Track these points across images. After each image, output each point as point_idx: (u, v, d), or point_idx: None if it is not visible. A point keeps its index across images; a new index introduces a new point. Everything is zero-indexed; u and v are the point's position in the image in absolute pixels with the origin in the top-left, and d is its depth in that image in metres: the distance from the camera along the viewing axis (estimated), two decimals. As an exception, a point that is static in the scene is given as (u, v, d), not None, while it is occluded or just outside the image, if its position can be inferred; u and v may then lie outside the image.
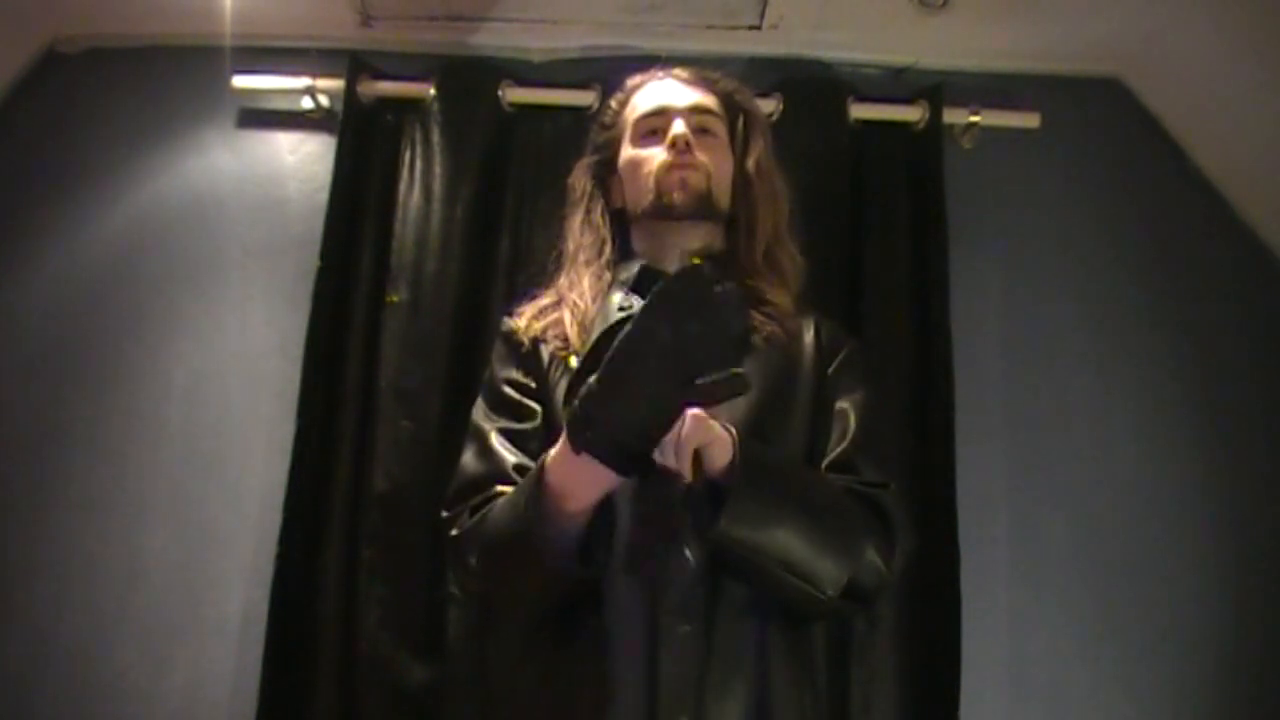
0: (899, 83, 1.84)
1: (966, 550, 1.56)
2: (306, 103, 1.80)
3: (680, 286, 0.94)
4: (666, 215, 1.25)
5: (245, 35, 1.80)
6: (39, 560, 1.68)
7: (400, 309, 1.66)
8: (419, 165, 1.73)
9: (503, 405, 1.23)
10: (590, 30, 1.81)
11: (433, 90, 1.75)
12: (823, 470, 1.18)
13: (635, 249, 1.31)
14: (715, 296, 0.92)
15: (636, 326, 0.94)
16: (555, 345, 1.24)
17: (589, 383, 0.97)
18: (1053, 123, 1.78)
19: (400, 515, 1.57)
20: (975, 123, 1.77)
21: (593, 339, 1.16)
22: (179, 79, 1.86)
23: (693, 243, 1.27)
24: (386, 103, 1.78)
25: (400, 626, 1.55)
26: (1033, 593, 1.68)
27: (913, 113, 1.75)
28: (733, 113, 1.34)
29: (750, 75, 1.76)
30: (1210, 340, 1.78)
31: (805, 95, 1.76)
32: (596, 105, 1.69)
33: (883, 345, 1.64)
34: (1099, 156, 1.84)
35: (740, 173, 1.32)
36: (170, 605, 1.66)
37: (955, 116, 1.76)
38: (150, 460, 1.72)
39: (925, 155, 1.73)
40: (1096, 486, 1.72)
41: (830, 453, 1.19)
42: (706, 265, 0.94)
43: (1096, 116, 1.85)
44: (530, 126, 1.78)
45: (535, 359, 1.24)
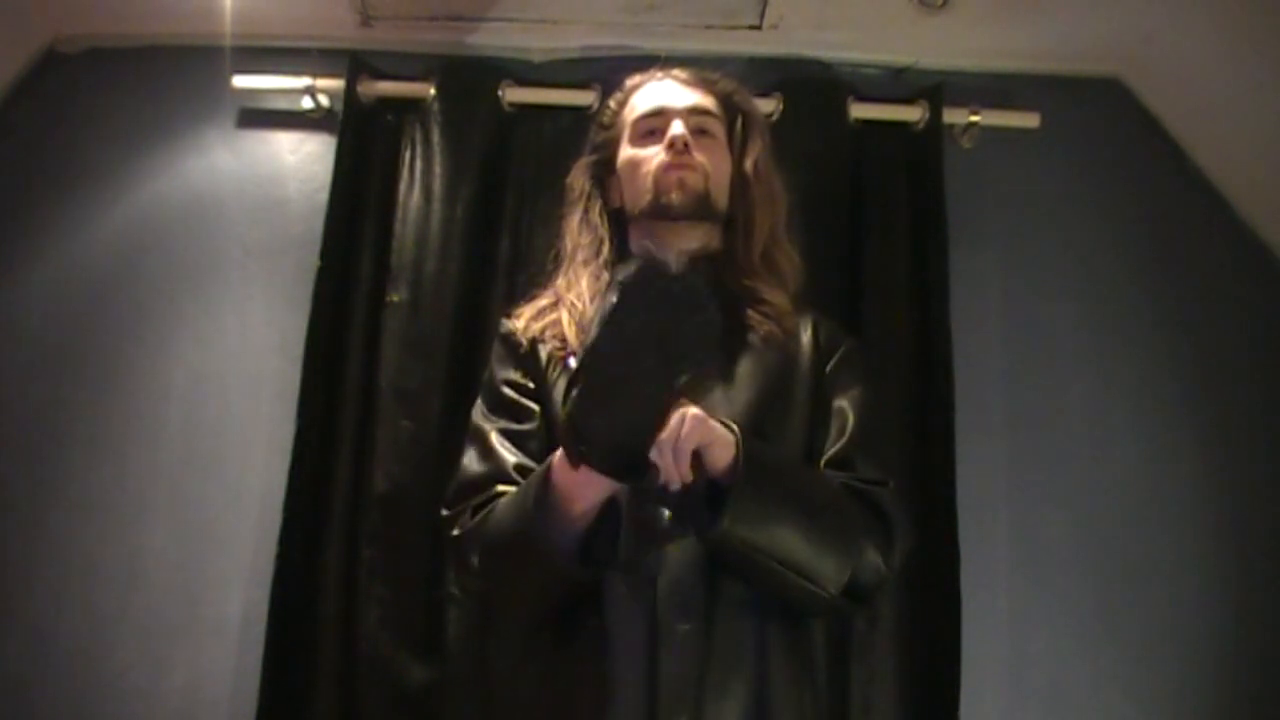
0: (899, 83, 1.84)
1: (966, 550, 1.56)
2: (306, 103, 1.80)
3: (638, 283, 0.92)
4: (664, 215, 1.25)
5: (245, 35, 1.80)
6: (39, 560, 1.68)
7: (400, 309, 1.66)
8: (419, 165, 1.73)
9: (502, 406, 1.23)
10: (590, 30, 1.81)
11: (433, 90, 1.75)
12: (821, 468, 1.19)
13: (633, 249, 1.31)
14: (675, 287, 0.91)
15: (601, 332, 0.94)
16: (553, 345, 1.24)
17: (572, 395, 0.97)
18: (1053, 123, 1.78)
19: (400, 515, 1.58)
20: (975, 123, 1.77)
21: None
22: (179, 79, 1.87)
23: (690, 243, 1.27)
24: (386, 103, 1.79)
25: (400, 626, 1.55)
26: (1033, 593, 1.68)
27: (913, 113, 1.75)
28: (731, 114, 1.34)
29: (750, 75, 1.76)
30: (1210, 340, 1.78)
31: (805, 95, 1.76)
32: (596, 105, 1.68)
33: (883, 345, 1.64)
34: (1099, 156, 1.84)
35: (738, 174, 1.31)
36: (170, 605, 1.66)
37: (955, 116, 1.76)
38: (150, 460, 1.72)
39: (925, 155, 1.73)
40: (1096, 486, 1.72)
41: (828, 451, 1.19)
42: (664, 259, 0.92)
43: (1096, 116, 1.85)
44: (530, 126, 1.78)
45: (534, 359, 1.25)
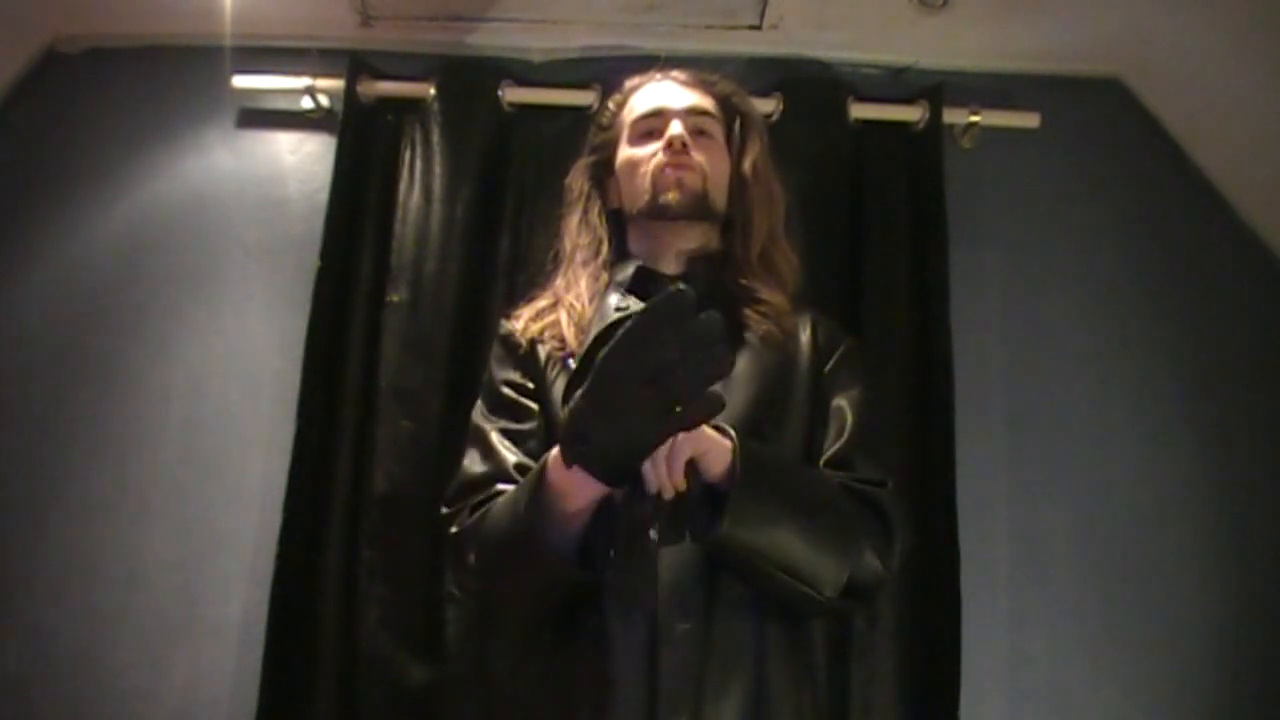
0: (899, 83, 1.84)
1: (966, 550, 1.56)
2: (306, 103, 1.80)
3: (662, 312, 0.93)
4: (662, 215, 1.26)
5: (245, 35, 1.80)
6: (39, 560, 1.68)
7: (400, 309, 1.66)
8: (419, 165, 1.73)
9: (501, 406, 1.24)
10: (590, 30, 1.81)
11: (433, 90, 1.75)
12: (820, 467, 1.19)
13: (631, 249, 1.31)
14: (697, 323, 0.91)
15: (618, 350, 0.94)
16: (552, 346, 1.24)
17: (576, 397, 0.97)
18: (1053, 123, 1.78)
19: (400, 515, 1.57)
20: (975, 123, 1.77)
21: (589, 340, 1.17)
22: (179, 79, 1.87)
23: (688, 243, 1.27)
24: (386, 103, 1.78)
25: (400, 626, 1.55)
26: (1033, 592, 1.68)
27: (913, 113, 1.75)
28: (730, 115, 1.34)
29: (750, 75, 1.76)
30: (1210, 340, 1.78)
31: (805, 95, 1.76)
32: (596, 105, 1.68)
33: (883, 345, 1.64)
34: (1099, 156, 1.84)
35: (736, 174, 1.32)
36: (170, 605, 1.66)
37: (955, 116, 1.76)
38: (150, 460, 1.72)
39: (925, 155, 1.73)
40: (1096, 486, 1.72)
41: (827, 450, 1.19)
42: (689, 291, 0.93)
43: (1096, 116, 1.85)
44: (530, 126, 1.78)
45: (533, 359, 1.25)
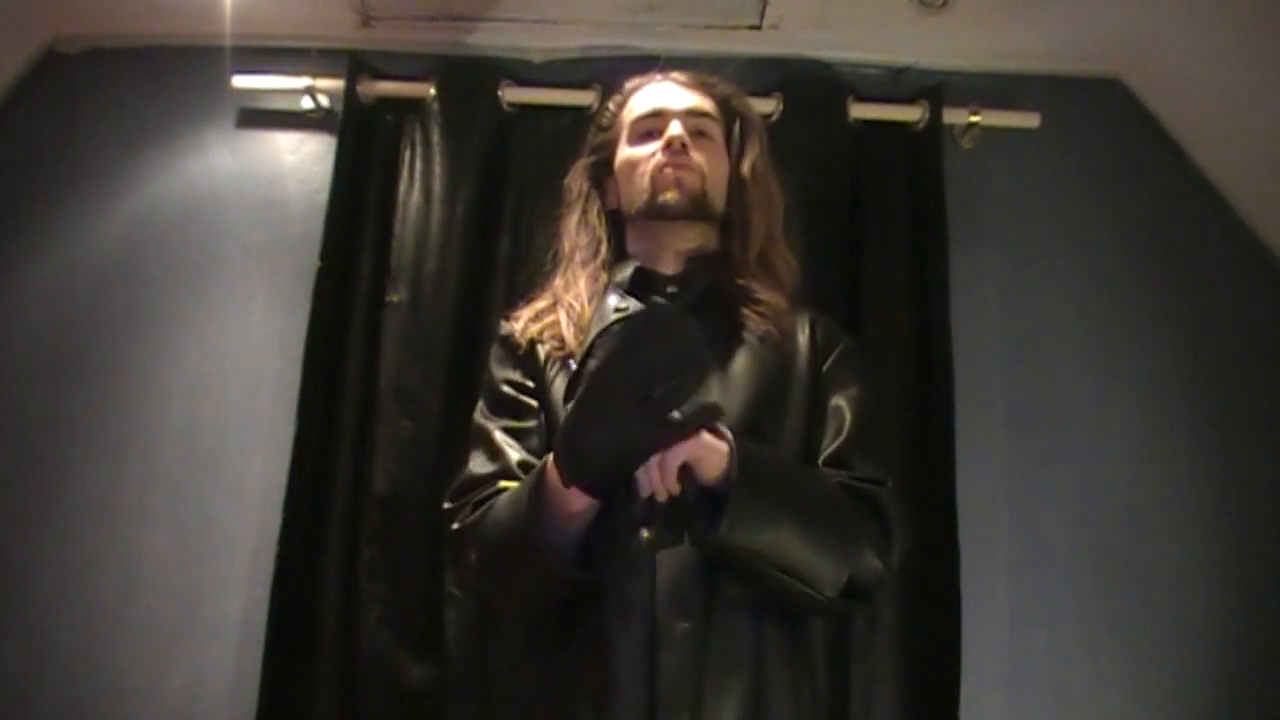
0: (899, 83, 1.84)
1: (966, 550, 1.56)
2: (306, 103, 1.80)
3: (644, 324, 0.94)
4: (661, 214, 1.25)
5: (245, 35, 1.80)
6: (39, 560, 1.68)
7: (400, 309, 1.66)
8: (419, 165, 1.73)
9: (503, 405, 1.24)
10: (590, 30, 1.81)
11: (433, 90, 1.75)
12: (819, 466, 1.18)
13: (630, 250, 1.31)
14: (680, 333, 0.92)
15: (605, 366, 0.95)
16: (551, 346, 1.24)
17: (567, 414, 0.98)
18: (1053, 123, 1.78)
19: (400, 515, 1.58)
20: (975, 123, 1.77)
21: (588, 341, 1.17)
22: (179, 79, 1.87)
23: (687, 243, 1.27)
24: (386, 103, 1.79)
25: (400, 626, 1.55)
26: (1033, 592, 1.68)
27: (913, 113, 1.75)
28: (729, 117, 1.34)
29: (750, 75, 1.76)
30: (1210, 340, 1.78)
31: (805, 95, 1.76)
32: (596, 105, 1.69)
33: (883, 345, 1.64)
34: (1099, 156, 1.84)
35: (735, 176, 1.32)
36: (170, 606, 1.66)
37: (955, 116, 1.76)
38: (150, 460, 1.72)
39: (925, 155, 1.73)
40: (1096, 486, 1.72)
41: (826, 450, 1.19)
42: (670, 303, 0.94)
43: (1096, 116, 1.85)
44: (530, 126, 1.78)
45: (532, 359, 1.25)
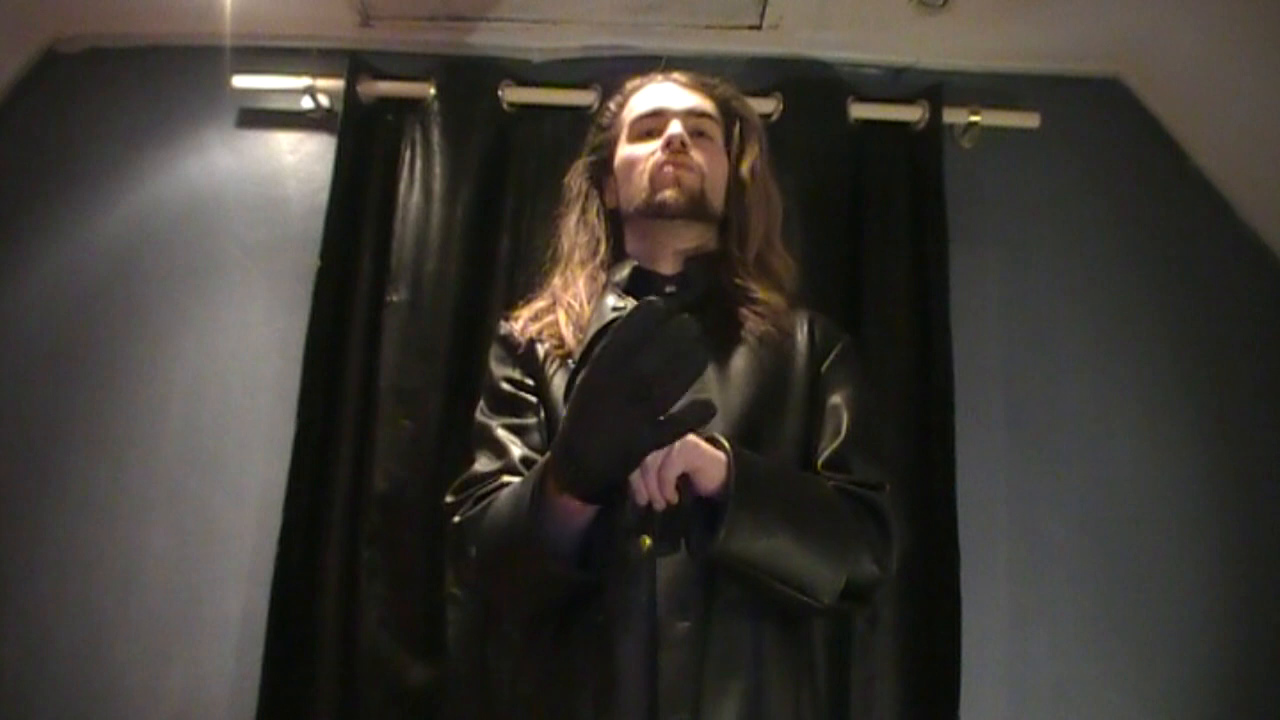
0: (899, 83, 1.84)
1: (966, 550, 1.56)
2: (306, 103, 1.80)
3: (634, 324, 0.93)
4: (659, 213, 1.26)
5: (245, 35, 1.80)
6: (39, 560, 1.68)
7: (400, 309, 1.66)
8: (419, 165, 1.73)
9: (503, 403, 1.24)
10: (590, 30, 1.81)
11: (433, 90, 1.75)
12: (817, 467, 1.18)
13: (629, 249, 1.31)
14: (671, 332, 0.92)
15: (598, 368, 0.95)
16: (551, 345, 1.24)
17: (562, 420, 0.98)
18: (1053, 123, 1.78)
19: (400, 515, 1.58)
20: (975, 123, 1.77)
21: (586, 340, 1.17)
22: (179, 79, 1.87)
23: (685, 243, 1.28)
24: (386, 103, 1.79)
25: (400, 626, 1.55)
26: (1033, 593, 1.68)
27: (913, 113, 1.75)
28: (729, 118, 1.35)
29: (750, 75, 1.76)
30: (1210, 340, 1.77)
31: (805, 95, 1.76)
32: (596, 105, 1.69)
33: (883, 345, 1.64)
34: (1099, 156, 1.84)
35: (734, 177, 1.32)
36: (170, 605, 1.66)
37: (955, 116, 1.76)
38: (150, 460, 1.72)
39: (925, 155, 1.73)
40: (1097, 486, 1.72)
41: (823, 450, 1.19)
42: (661, 300, 0.94)
43: (1096, 116, 1.85)
44: (530, 126, 1.78)
45: (532, 357, 1.25)
